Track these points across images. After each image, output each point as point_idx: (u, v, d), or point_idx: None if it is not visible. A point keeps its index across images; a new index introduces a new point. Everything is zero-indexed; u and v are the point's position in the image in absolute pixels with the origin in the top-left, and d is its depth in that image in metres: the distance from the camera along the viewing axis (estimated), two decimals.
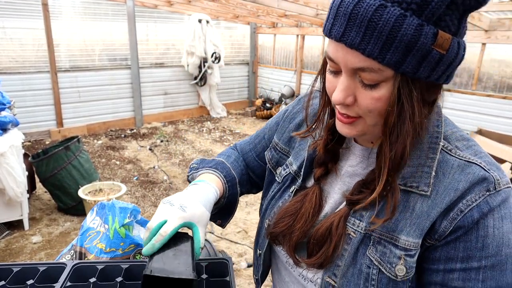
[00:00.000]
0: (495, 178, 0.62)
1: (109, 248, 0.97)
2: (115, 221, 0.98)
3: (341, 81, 0.61)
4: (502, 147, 4.35)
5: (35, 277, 0.83)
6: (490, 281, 0.61)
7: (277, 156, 0.88)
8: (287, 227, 0.76)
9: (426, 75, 0.56)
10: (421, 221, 0.63)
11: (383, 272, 0.65)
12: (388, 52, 0.53)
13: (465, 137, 0.68)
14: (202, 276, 0.86)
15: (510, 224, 0.61)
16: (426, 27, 0.53)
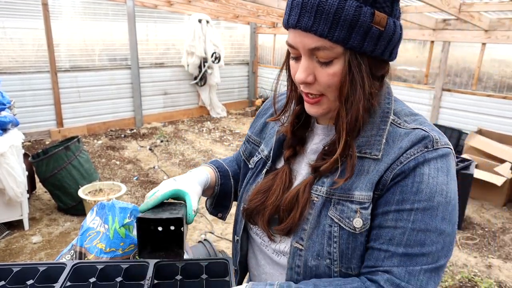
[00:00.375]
0: (434, 138, 0.70)
1: (109, 248, 0.96)
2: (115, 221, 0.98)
3: (301, 63, 0.70)
4: (502, 147, 4.35)
5: (35, 277, 0.83)
6: (419, 223, 0.67)
7: (250, 148, 0.97)
8: (260, 203, 0.83)
9: (371, 49, 0.67)
10: (372, 177, 0.72)
11: (343, 227, 0.72)
12: (335, 31, 0.64)
13: (412, 113, 0.78)
14: (202, 276, 0.86)
15: (445, 177, 0.69)
16: (364, 7, 0.64)
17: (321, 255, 0.74)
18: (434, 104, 5.83)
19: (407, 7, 4.93)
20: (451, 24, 5.42)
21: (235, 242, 0.97)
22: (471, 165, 3.56)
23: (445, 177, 0.69)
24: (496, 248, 3.36)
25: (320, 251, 0.74)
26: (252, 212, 0.85)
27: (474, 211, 4.01)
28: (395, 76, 6.43)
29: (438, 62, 5.76)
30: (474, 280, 2.87)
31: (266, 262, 0.88)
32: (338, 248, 0.73)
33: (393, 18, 0.69)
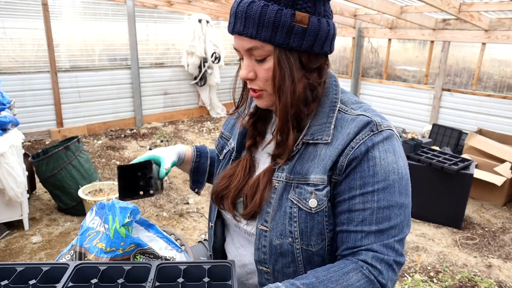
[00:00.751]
0: (376, 122, 0.80)
1: (109, 247, 0.96)
2: (115, 220, 0.98)
3: (243, 62, 0.82)
4: (502, 147, 4.35)
5: (38, 277, 0.83)
6: (383, 201, 0.77)
7: (222, 142, 1.07)
8: (224, 187, 0.94)
9: (297, 45, 0.76)
10: (325, 162, 0.81)
11: (301, 208, 0.81)
12: (262, 32, 0.75)
13: (358, 101, 0.87)
14: (204, 279, 0.85)
15: (393, 156, 0.79)
16: (284, 10, 0.74)
17: (283, 235, 0.83)
18: (434, 104, 5.83)
19: (407, 7, 4.93)
20: (451, 24, 5.42)
21: (209, 228, 1.05)
22: (471, 165, 3.56)
23: (393, 156, 0.79)
24: (496, 248, 3.36)
25: (283, 231, 0.83)
26: (218, 195, 0.95)
27: (474, 211, 4.02)
28: (395, 76, 6.43)
29: (438, 62, 5.76)
30: (474, 280, 2.87)
31: (240, 244, 0.97)
32: (298, 227, 0.82)
33: (317, 16, 0.77)
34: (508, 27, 4.83)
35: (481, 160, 4.28)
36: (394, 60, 6.43)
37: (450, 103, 5.69)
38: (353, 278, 0.74)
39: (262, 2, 0.74)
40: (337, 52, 7.15)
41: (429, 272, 2.96)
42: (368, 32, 6.53)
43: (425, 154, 3.74)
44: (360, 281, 0.73)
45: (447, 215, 3.64)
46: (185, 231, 3.46)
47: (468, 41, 5.32)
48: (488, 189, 4.12)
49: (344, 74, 7.06)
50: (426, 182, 3.60)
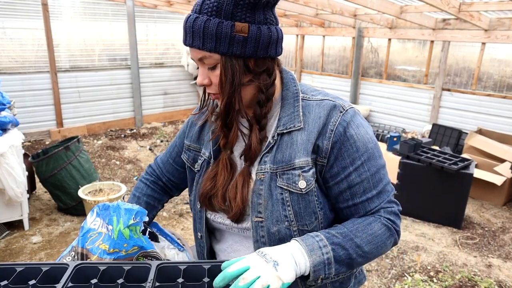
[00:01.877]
0: (340, 104, 0.91)
1: (112, 249, 0.96)
2: (120, 222, 0.98)
3: (199, 70, 0.90)
4: (502, 146, 4.35)
5: (38, 277, 0.83)
6: (373, 168, 0.90)
7: (192, 155, 1.09)
8: (211, 187, 0.97)
9: (241, 52, 0.83)
10: (305, 146, 0.89)
11: (292, 191, 0.89)
12: (207, 43, 0.82)
13: (315, 89, 0.98)
14: (204, 280, 0.85)
15: (364, 129, 0.91)
16: (224, 22, 0.81)
17: (280, 220, 0.90)
18: (434, 104, 5.83)
19: (407, 7, 4.93)
20: (451, 23, 5.42)
21: (198, 238, 1.08)
22: (471, 165, 3.56)
23: (363, 129, 0.91)
24: (496, 247, 3.36)
25: (278, 217, 0.89)
26: (206, 197, 0.98)
27: (474, 211, 4.02)
28: (395, 76, 6.43)
29: (438, 61, 5.76)
30: (474, 280, 2.87)
31: (234, 241, 1.01)
32: (292, 210, 0.89)
33: (257, 24, 0.83)
34: (508, 27, 4.83)
35: (481, 160, 4.28)
36: (394, 60, 6.43)
37: (450, 103, 5.69)
38: (375, 227, 0.88)
39: (204, 17, 0.82)
40: (337, 52, 7.16)
41: (429, 272, 2.97)
42: (368, 32, 6.53)
43: (425, 154, 3.74)
44: (381, 229, 0.89)
45: (447, 215, 3.64)
46: (185, 231, 3.46)
47: (468, 41, 5.32)
48: (488, 188, 4.12)
49: (344, 74, 7.06)
50: (426, 182, 3.60)
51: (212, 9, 0.82)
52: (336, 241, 0.84)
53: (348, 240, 0.85)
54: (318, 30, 7.16)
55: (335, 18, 6.41)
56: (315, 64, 7.52)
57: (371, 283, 2.81)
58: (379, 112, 6.64)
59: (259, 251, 0.80)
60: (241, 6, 0.82)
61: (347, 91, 6.97)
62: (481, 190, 4.18)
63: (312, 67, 7.59)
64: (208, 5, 0.82)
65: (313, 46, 7.51)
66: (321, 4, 4.98)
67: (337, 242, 0.84)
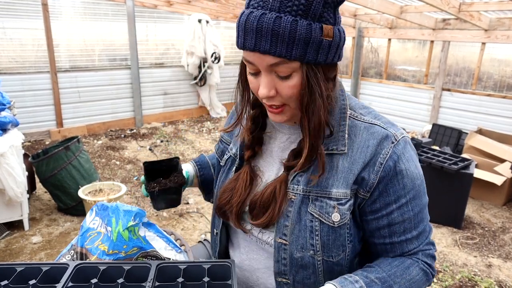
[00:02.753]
0: (393, 133, 0.82)
1: (111, 250, 0.96)
2: (119, 223, 0.98)
3: (262, 79, 0.75)
4: (502, 146, 4.35)
5: (38, 277, 0.83)
6: (416, 207, 0.83)
7: (222, 147, 1.05)
8: (226, 202, 0.91)
9: (324, 59, 0.73)
10: (346, 175, 0.81)
11: (323, 222, 0.81)
12: (293, 50, 0.69)
13: (365, 106, 0.88)
14: (204, 279, 0.85)
15: (414, 163, 0.83)
16: (313, 24, 0.70)
17: (305, 248, 0.83)
18: (434, 104, 5.83)
19: (407, 7, 4.93)
20: (451, 23, 5.42)
21: (214, 235, 1.03)
22: (471, 165, 3.56)
23: (413, 163, 0.83)
24: (496, 247, 3.36)
25: (304, 244, 0.83)
26: (221, 209, 0.93)
27: (474, 211, 4.01)
28: (395, 76, 6.43)
29: (438, 61, 5.76)
30: (474, 280, 2.87)
31: (250, 249, 0.95)
32: (320, 240, 0.82)
33: (337, 26, 0.75)
34: (508, 27, 4.83)
35: (481, 159, 4.28)
36: (394, 60, 6.43)
37: (450, 103, 5.69)
38: (413, 272, 0.83)
39: (289, 17, 0.68)
40: None
41: None
42: (368, 32, 6.53)
43: (425, 154, 3.74)
44: (419, 274, 0.84)
45: (447, 214, 3.64)
46: (185, 231, 3.46)
47: (468, 41, 5.32)
48: (488, 188, 4.12)
49: (344, 74, 7.05)
50: (426, 182, 3.56)
51: (298, 8, 0.68)
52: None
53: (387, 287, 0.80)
54: None
55: None
56: None
57: None
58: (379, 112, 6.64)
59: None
60: (328, 5, 0.72)
61: (347, 91, 6.95)
62: (481, 190, 4.18)
63: None
64: (293, 3, 0.68)
65: None
66: None
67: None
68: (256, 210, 0.86)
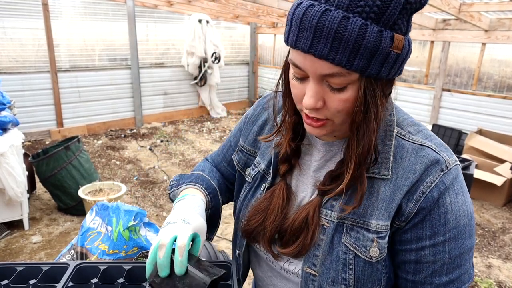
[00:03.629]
0: (445, 159, 0.69)
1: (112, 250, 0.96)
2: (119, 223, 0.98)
3: (310, 87, 0.64)
4: (502, 147, 4.35)
5: (38, 277, 0.83)
6: (455, 250, 0.70)
7: (244, 158, 0.92)
8: (259, 224, 0.80)
9: (387, 74, 0.62)
10: (387, 205, 0.70)
11: (359, 256, 0.71)
12: (355, 59, 0.58)
13: (415, 123, 0.75)
14: None
15: (463, 198, 0.70)
16: (384, 32, 0.58)
17: (336, 281, 0.73)
18: (434, 104, 5.83)
19: None
20: (451, 24, 5.42)
21: (236, 255, 0.94)
22: (471, 165, 3.56)
23: (462, 197, 0.70)
24: (496, 248, 3.36)
25: (335, 278, 0.73)
26: (252, 232, 0.82)
27: (474, 211, 4.01)
28: None
29: (438, 62, 5.76)
30: (474, 280, 2.87)
31: (273, 275, 0.87)
32: (354, 275, 0.72)
33: (407, 36, 0.63)
34: (508, 27, 4.83)
35: (481, 160, 4.28)
36: None
37: (450, 103, 5.69)
38: None
39: (358, 20, 0.56)
40: None
41: None
42: None
43: None
44: None
45: None
46: None
47: (468, 41, 5.32)
48: (488, 189, 4.12)
49: None
50: None
51: (371, 10, 0.56)
52: None
53: None
54: None
55: None
56: None
57: None
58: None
59: None
60: (405, 12, 0.60)
61: None
62: (481, 191, 4.18)
63: None
64: (366, 2, 0.56)
65: None
66: None
67: None
68: (286, 237, 0.77)
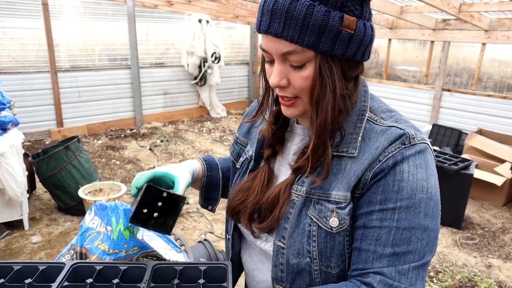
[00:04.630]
0: (410, 134, 0.72)
1: (112, 249, 0.96)
2: (119, 222, 0.98)
3: (274, 67, 0.72)
4: (502, 147, 4.35)
5: (34, 276, 0.83)
6: (404, 221, 0.69)
7: (238, 148, 0.99)
8: (240, 202, 0.87)
9: (342, 52, 0.68)
10: (349, 177, 0.73)
11: (321, 227, 0.74)
12: (305, 36, 0.65)
13: (389, 109, 0.79)
14: (200, 281, 0.85)
15: (425, 173, 0.70)
16: (332, 12, 0.65)
17: (301, 254, 0.77)
18: (434, 104, 5.83)
19: (407, 7, 4.93)
20: (451, 24, 5.42)
21: (226, 240, 1.00)
22: (471, 165, 3.56)
23: (424, 173, 0.70)
24: (496, 248, 3.36)
25: (300, 250, 0.77)
26: (234, 210, 0.89)
27: (474, 211, 4.01)
28: (395, 76, 6.43)
29: (438, 62, 5.76)
30: (474, 280, 2.87)
31: (257, 258, 0.92)
32: (317, 247, 0.75)
33: (363, 20, 0.69)
34: (508, 27, 4.83)
35: (481, 160, 4.28)
36: (394, 60, 6.43)
37: (450, 103, 5.69)
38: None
39: (307, 1, 0.64)
40: None
41: (429, 272, 2.96)
42: None
43: None
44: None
45: (447, 215, 3.64)
46: (185, 231, 3.46)
47: (468, 41, 5.32)
48: (488, 189, 4.12)
49: None
50: None
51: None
52: None
53: None
54: None
55: None
56: None
57: None
58: None
59: None
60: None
61: None
62: (481, 191, 4.18)
63: None
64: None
65: None
66: None
67: None
68: (262, 214, 0.83)
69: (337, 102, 0.71)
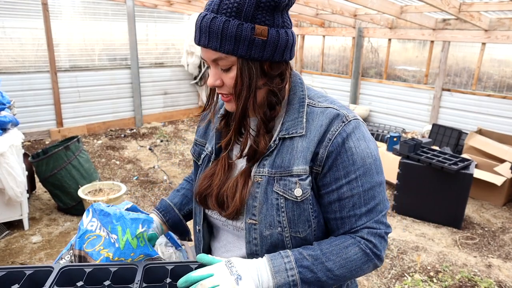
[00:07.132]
0: (344, 114, 0.90)
1: (117, 257, 0.95)
2: (126, 232, 0.97)
3: (210, 71, 0.90)
4: (502, 147, 4.35)
5: (21, 281, 0.82)
6: (366, 184, 0.88)
7: (198, 149, 1.10)
8: (207, 186, 0.98)
9: (259, 55, 0.83)
10: (304, 153, 0.88)
11: (287, 198, 0.88)
12: (225, 45, 0.81)
13: (323, 95, 0.97)
14: None
15: (365, 143, 0.89)
16: (245, 24, 0.80)
17: (273, 225, 0.89)
18: (434, 104, 5.83)
19: (407, 7, 4.93)
20: (451, 24, 5.42)
21: (197, 232, 1.08)
22: (471, 165, 3.56)
23: (365, 142, 0.89)
24: (496, 247, 3.36)
25: (272, 222, 0.89)
26: (201, 195, 0.99)
27: (474, 211, 4.01)
28: (395, 76, 6.43)
29: (438, 62, 5.76)
30: (474, 280, 2.87)
31: (228, 241, 1.02)
32: (286, 216, 0.89)
33: (276, 28, 0.83)
34: (508, 27, 4.82)
35: (481, 160, 4.28)
36: (394, 60, 6.43)
37: (450, 103, 5.69)
38: (351, 252, 0.87)
39: (223, 17, 0.80)
40: (337, 51, 7.15)
41: (429, 272, 2.96)
42: (368, 32, 6.53)
43: (425, 154, 3.74)
44: (357, 254, 0.87)
45: (447, 215, 3.64)
46: None
47: (468, 41, 5.32)
48: (488, 189, 4.12)
49: (344, 74, 7.05)
50: (426, 182, 3.59)
51: (232, 10, 0.80)
52: (305, 264, 0.84)
53: (318, 264, 0.85)
54: (318, 30, 7.15)
55: (335, 18, 6.40)
56: (315, 64, 7.52)
57: (370, 283, 2.81)
58: (379, 112, 6.63)
59: (229, 261, 0.84)
60: (261, 9, 0.81)
61: (347, 91, 6.96)
62: (481, 190, 4.18)
63: (312, 67, 7.59)
64: (228, 6, 0.81)
65: (313, 46, 7.51)
66: (321, 4, 4.98)
67: (306, 265, 0.84)
68: (226, 203, 0.94)
69: (259, 96, 0.88)
